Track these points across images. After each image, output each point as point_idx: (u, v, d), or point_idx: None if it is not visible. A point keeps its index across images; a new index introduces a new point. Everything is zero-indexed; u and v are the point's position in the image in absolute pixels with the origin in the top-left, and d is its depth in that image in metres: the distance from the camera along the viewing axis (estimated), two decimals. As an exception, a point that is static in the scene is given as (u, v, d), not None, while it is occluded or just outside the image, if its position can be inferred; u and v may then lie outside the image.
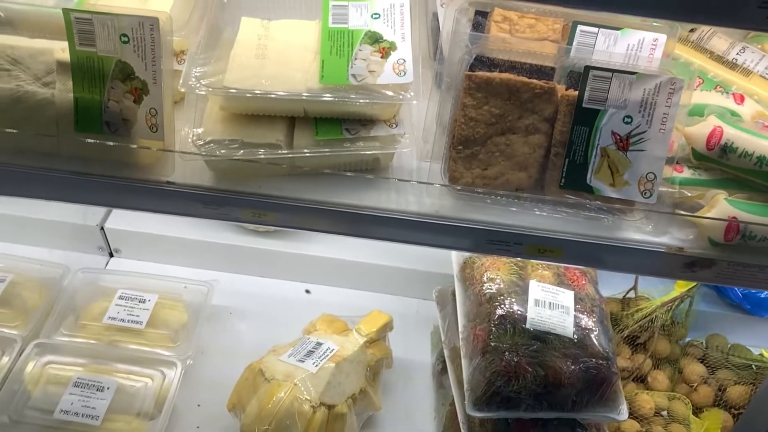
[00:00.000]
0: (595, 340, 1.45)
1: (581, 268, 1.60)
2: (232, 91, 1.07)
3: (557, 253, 1.12)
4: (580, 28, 1.14)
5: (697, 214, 1.10)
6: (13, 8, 1.13)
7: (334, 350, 1.61)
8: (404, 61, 1.10)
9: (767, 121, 1.15)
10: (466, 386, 1.45)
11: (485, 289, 1.50)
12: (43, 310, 1.78)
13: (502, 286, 1.51)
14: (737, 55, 1.26)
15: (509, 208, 1.11)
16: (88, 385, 1.62)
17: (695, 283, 1.80)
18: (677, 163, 1.12)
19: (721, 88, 1.21)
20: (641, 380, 1.78)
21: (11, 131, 1.08)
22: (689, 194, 1.12)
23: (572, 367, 1.40)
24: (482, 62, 1.09)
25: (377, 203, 1.12)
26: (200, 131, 1.10)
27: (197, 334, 1.79)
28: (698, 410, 1.73)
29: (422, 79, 1.11)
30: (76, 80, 1.04)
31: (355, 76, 1.08)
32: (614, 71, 1.03)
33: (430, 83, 1.21)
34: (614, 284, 1.87)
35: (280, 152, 1.10)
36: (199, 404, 1.73)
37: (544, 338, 1.44)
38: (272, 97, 1.07)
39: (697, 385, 1.75)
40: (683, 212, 1.12)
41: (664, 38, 1.13)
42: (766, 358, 1.82)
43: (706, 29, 1.28)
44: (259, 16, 1.19)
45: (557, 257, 1.13)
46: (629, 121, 1.05)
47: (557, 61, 1.10)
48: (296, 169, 1.12)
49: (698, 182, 1.13)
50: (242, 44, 1.14)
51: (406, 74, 1.09)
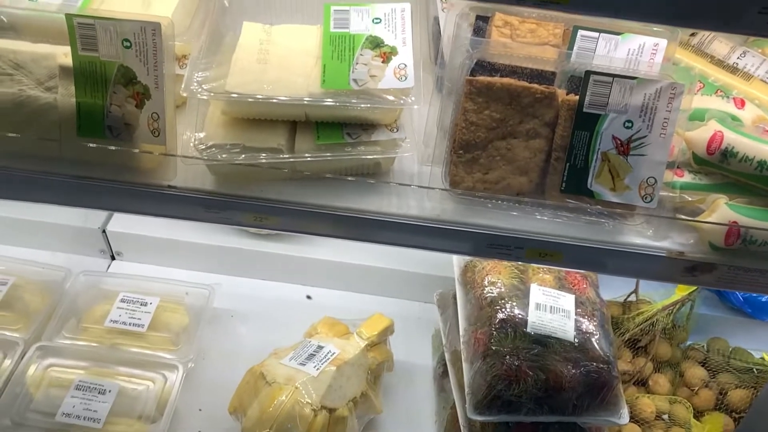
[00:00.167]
0: (596, 343, 1.45)
1: (582, 271, 1.60)
2: (233, 95, 1.07)
3: (558, 257, 1.12)
4: (580, 32, 1.14)
5: (697, 218, 1.10)
6: (16, 13, 1.14)
7: (335, 353, 1.61)
8: (405, 65, 1.10)
9: (768, 125, 1.15)
10: (467, 390, 1.45)
11: (486, 292, 1.50)
12: (44, 313, 1.79)
13: (503, 289, 1.51)
14: (738, 59, 1.26)
15: (510, 212, 1.11)
16: (89, 388, 1.63)
17: (696, 286, 1.80)
18: (678, 167, 1.12)
19: (721, 92, 1.21)
20: (642, 384, 1.77)
21: (14, 135, 1.08)
22: (690, 199, 1.12)
23: (573, 370, 1.40)
24: (483, 67, 1.09)
25: (378, 207, 1.12)
26: (202, 135, 1.11)
27: (199, 337, 1.79)
28: (699, 414, 1.72)
29: (423, 83, 1.12)
30: (78, 85, 1.05)
31: (356, 80, 1.09)
32: (615, 76, 1.03)
33: (431, 87, 1.22)
34: (615, 288, 1.87)
35: (281, 156, 1.10)
36: (200, 407, 1.73)
37: (545, 342, 1.44)
38: (274, 101, 1.07)
39: (698, 388, 1.75)
40: (684, 217, 1.12)
41: (664, 43, 1.13)
42: (767, 361, 1.82)
43: (706, 33, 1.28)
44: (260, 20, 1.20)
45: (558, 261, 1.13)
46: (630, 125, 1.05)
47: (558, 65, 1.11)
48: (297, 173, 1.13)
49: (699, 187, 1.13)
50: (244, 49, 1.14)
51: (407, 79, 1.09)
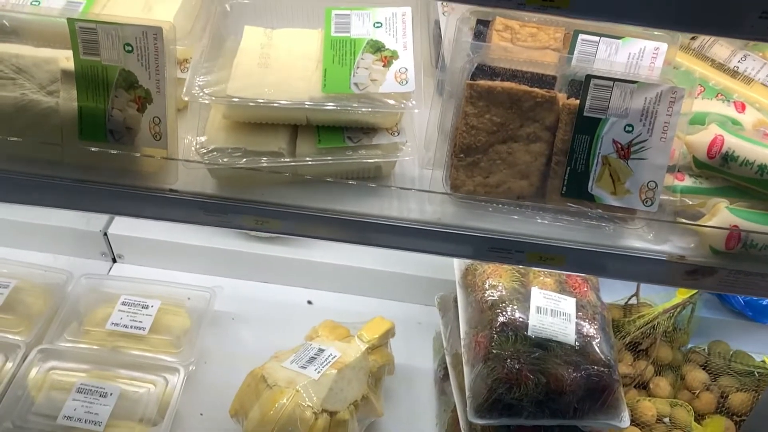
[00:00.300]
0: (596, 347, 1.45)
1: (583, 275, 1.60)
2: (235, 100, 1.08)
3: (558, 260, 1.12)
4: (581, 37, 1.14)
5: (698, 222, 1.10)
6: (18, 17, 1.14)
7: (336, 357, 1.61)
8: (406, 69, 1.10)
9: (768, 129, 1.16)
10: (467, 393, 1.45)
11: (487, 296, 1.50)
12: (46, 315, 1.79)
13: (503, 293, 1.51)
14: (738, 63, 1.26)
15: (511, 216, 1.11)
16: (91, 391, 1.63)
17: (697, 290, 1.80)
18: (678, 171, 1.13)
19: (722, 96, 1.21)
20: (643, 387, 1.77)
21: (16, 139, 1.09)
22: (690, 202, 1.12)
23: (574, 374, 1.40)
24: (484, 71, 1.09)
25: (379, 211, 1.12)
26: (203, 139, 1.11)
27: (200, 340, 1.79)
28: (700, 417, 1.72)
29: (424, 87, 1.12)
30: (80, 89, 1.05)
31: (357, 84, 1.09)
32: (615, 80, 1.03)
33: (432, 91, 1.22)
34: (616, 291, 1.87)
35: (282, 160, 1.10)
36: (201, 410, 1.73)
37: (545, 345, 1.44)
38: (275, 105, 1.08)
39: (699, 391, 1.75)
40: (684, 220, 1.12)
41: (665, 47, 1.13)
42: (768, 364, 1.82)
43: (707, 37, 1.28)
44: (262, 24, 1.20)
45: (558, 265, 1.13)
46: (630, 129, 1.05)
47: (558, 69, 1.11)
48: (299, 176, 1.13)
49: (699, 190, 1.13)
50: (245, 53, 1.14)
51: (407, 83, 1.09)
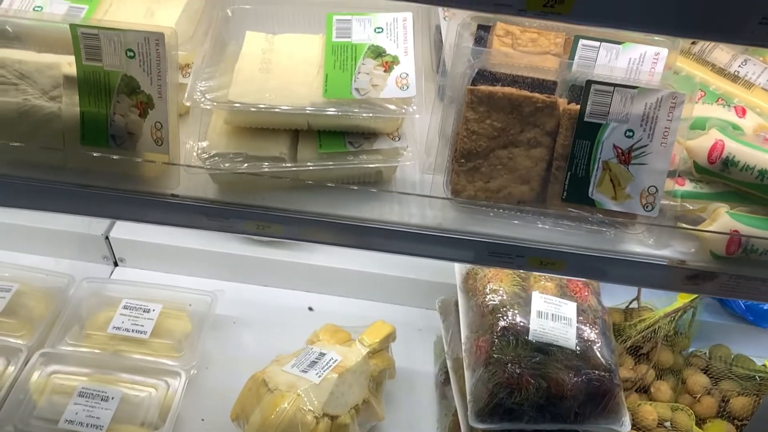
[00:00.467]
0: (597, 351, 1.45)
1: (583, 279, 1.60)
2: (236, 105, 1.08)
3: (559, 265, 1.12)
4: (581, 42, 1.14)
5: (698, 227, 1.11)
6: (21, 23, 1.14)
7: (337, 361, 1.61)
8: (407, 75, 1.11)
9: (768, 134, 1.16)
10: (468, 397, 1.45)
11: (488, 300, 1.51)
12: (48, 319, 1.79)
13: (504, 297, 1.51)
14: (739, 67, 1.26)
15: (511, 220, 1.11)
16: (92, 394, 1.63)
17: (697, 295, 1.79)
18: (679, 176, 1.13)
19: (722, 100, 1.21)
20: (644, 391, 1.77)
21: (18, 144, 1.09)
22: (691, 207, 1.13)
23: (575, 378, 1.40)
24: (484, 76, 1.10)
25: (380, 216, 1.12)
26: (205, 144, 1.11)
27: (201, 343, 1.79)
28: (701, 421, 1.72)
29: (425, 91, 1.12)
30: (82, 94, 1.06)
31: (358, 90, 1.09)
32: (616, 85, 1.03)
33: (432, 96, 1.22)
34: (617, 294, 1.87)
35: (284, 165, 1.10)
36: (202, 414, 1.73)
37: (546, 350, 1.44)
38: (276, 111, 1.08)
39: (700, 396, 1.74)
40: (685, 225, 1.12)
41: (665, 52, 1.13)
42: (769, 368, 1.82)
43: (707, 42, 1.29)
44: (263, 30, 1.20)
45: (559, 270, 1.13)
46: (631, 134, 1.05)
47: (559, 75, 1.11)
48: (300, 181, 1.13)
49: (700, 195, 1.13)
50: (246, 58, 1.15)
51: (408, 88, 1.10)
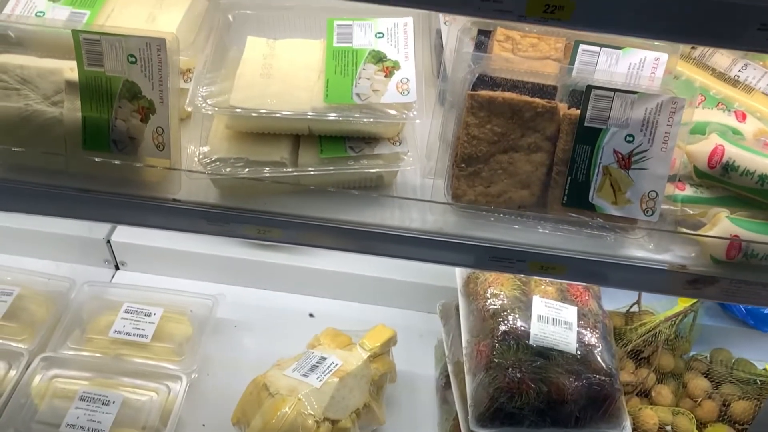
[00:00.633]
0: (598, 356, 1.45)
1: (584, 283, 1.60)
2: (237, 110, 1.08)
3: (559, 270, 1.12)
4: (582, 47, 1.15)
5: (699, 232, 1.11)
6: (23, 28, 1.15)
7: (338, 365, 1.61)
8: (408, 80, 1.11)
9: (768, 138, 1.16)
10: (469, 402, 1.45)
11: (488, 304, 1.51)
12: (49, 323, 1.79)
13: (505, 301, 1.51)
14: (739, 72, 1.27)
15: (512, 225, 1.11)
16: (93, 399, 1.63)
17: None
18: (679, 180, 1.13)
19: (723, 105, 1.21)
20: (645, 395, 1.77)
21: (20, 149, 1.10)
22: (691, 212, 1.13)
23: (575, 383, 1.40)
24: (485, 81, 1.10)
25: (381, 220, 1.13)
26: (206, 149, 1.11)
27: (202, 347, 1.79)
28: (702, 425, 1.72)
29: (426, 96, 1.13)
30: (84, 99, 1.06)
31: (359, 95, 1.10)
32: (616, 90, 1.03)
33: (433, 101, 1.22)
34: (618, 298, 1.87)
35: (285, 170, 1.11)
36: (203, 418, 1.73)
37: (547, 354, 1.44)
38: (277, 116, 1.08)
39: (701, 400, 1.74)
40: (685, 230, 1.12)
41: (665, 57, 1.14)
42: (770, 372, 1.81)
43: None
44: (264, 35, 1.21)
45: (559, 274, 1.13)
46: (631, 139, 1.05)
47: (559, 80, 1.11)
48: (301, 186, 1.13)
49: (700, 200, 1.13)
50: (248, 63, 1.15)
51: (409, 93, 1.10)
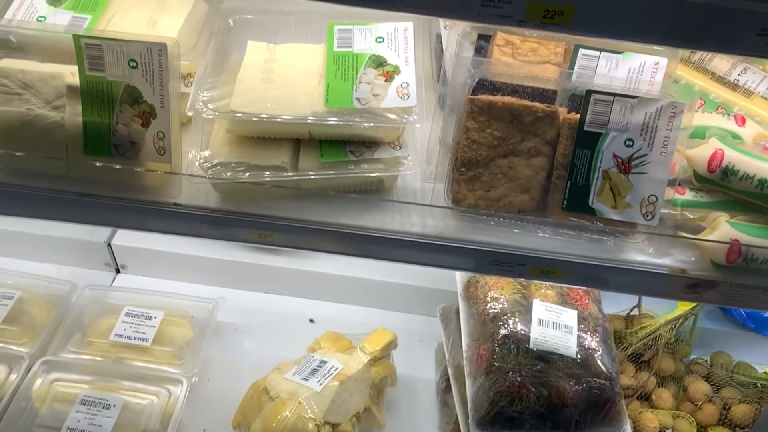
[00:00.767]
0: (598, 359, 1.45)
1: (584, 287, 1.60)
2: (238, 115, 1.09)
3: (559, 274, 1.12)
4: (581, 51, 1.15)
5: (699, 236, 1.11)
6: (24, 33, 1.15)
7: (338, 368, 1.61)
8: (408, 84, 1.11)
9: (768, 142, 1.16)
10: (469, 405, 1.45)
11: (489, 308, 1.51)
12: (50, 327, 1.79)
13: (505, 305, 1.51)
14: (739, 75, 1.27)
15: (512, 229, 1.12)
16: (94, 402, 1.63)
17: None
18: (679, 185, 1.13)
19: (722, 109, 1.21)
20: (645, 398, 1.77)
21: (22, 154, 1.10)
22: (691, 216, 1.13)
23: (575, 387, 1.40)
24: (484, 86, 1.10)
25: (381, 224, 1.13)
26: (207, 154, 1.12)
27: (203, 351, 1.79)
28: (703, 429, 1.72)
29: (426, 100, 1.13)
30: (85, 104, 1.06)
31: (359, 99, 1.10)
32: (615, 95, 1.04)
33: (433, 105, 1.23)
34: (618, 302, 1.87)
35: (285, 174, 1.11)
36: (204, 422, 1.73)
37: (547, 358, 1.44)
38: (278, 120, 1.09)
39: (701, 403, 1.74)
40: (685, 234, 1.12)
41: (665, 62, 1.14)
42: (770, 376, 1.81)
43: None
44: (265, 39, 1.21)
45: (559, 278, 1.13)
46: (631, 144, 1.06)
47: (559, 84, 1.12)
48: (301, 190, 1.14)
49: (700, 204, 1.13)
50: (248, 68, 1.15)
51: (409, 98, 1.10)
